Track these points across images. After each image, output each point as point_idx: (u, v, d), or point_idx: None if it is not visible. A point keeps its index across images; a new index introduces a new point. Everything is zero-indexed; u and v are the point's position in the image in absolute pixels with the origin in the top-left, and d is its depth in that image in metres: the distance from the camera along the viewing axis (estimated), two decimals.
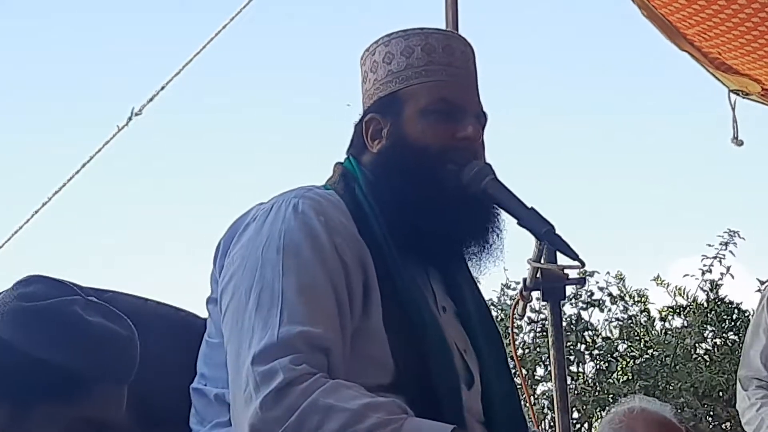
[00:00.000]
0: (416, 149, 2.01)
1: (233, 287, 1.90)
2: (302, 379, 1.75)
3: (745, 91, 4.47)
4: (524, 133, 8.85)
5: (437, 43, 2.06)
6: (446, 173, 2.01)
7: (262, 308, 1.82)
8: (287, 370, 1.75)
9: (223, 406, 1.91)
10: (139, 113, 4.61)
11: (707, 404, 6.63)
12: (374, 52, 2.09)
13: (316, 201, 1.94)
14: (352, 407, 1.72)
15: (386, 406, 1.75)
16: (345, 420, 1.71)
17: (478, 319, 2.09)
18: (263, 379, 1.75)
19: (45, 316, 1.70)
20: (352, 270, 1.89)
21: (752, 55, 4.21)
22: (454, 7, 3.95)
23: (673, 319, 7.36)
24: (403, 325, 1.90)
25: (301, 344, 1.78)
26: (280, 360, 1.76)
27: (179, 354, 2.11)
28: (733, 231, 7.07)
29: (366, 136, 2.07)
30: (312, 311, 1.82)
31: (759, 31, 3.99)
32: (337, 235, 1.90)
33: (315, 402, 1.72)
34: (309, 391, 1.74)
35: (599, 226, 9.45)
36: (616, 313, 7.46)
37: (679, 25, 4.25)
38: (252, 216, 1.97)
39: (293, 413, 1.72)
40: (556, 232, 2.01)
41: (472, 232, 2.05)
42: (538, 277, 2.53)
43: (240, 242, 1.94)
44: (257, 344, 1.79)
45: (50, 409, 1.64)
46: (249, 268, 1.88)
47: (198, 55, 4.61)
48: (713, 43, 4.22)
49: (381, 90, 2.07)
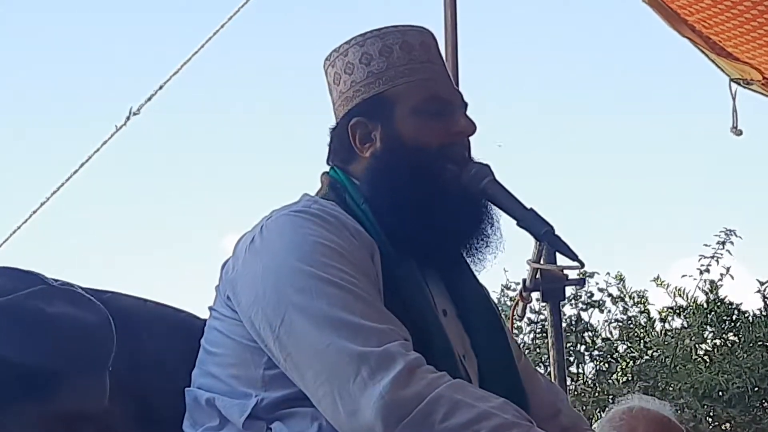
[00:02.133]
0: (414, 149, 2.00)
1: (280, 294, 1.82)
2: (425, 369, 1.73)
3: (746, 79, 4.46)
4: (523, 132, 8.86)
5: (414, 40, 2.05)
6: (447, 173, 2.01)
7: (334, 306, 1.78)
8: (403, 355, 1.73)
9: (213, 410, 1.90)
10: (137, 113, 4.61)
11: (707, 405, 6.62)
12: (346, 53, 2.05)
13: (327, 210, 1.93)
14: (481, 405, 1.72)
15: (514, 410, 1.75)
16: (472, 416, 1.70)
17: (483, 322, 2.08)
18: (381, 362, 1.71)
19: (5, 313, 1.65)
20: (373, 274, 1.89)
21: (754, 44, 4.20)
22: (453, 6, 3.95)
23: (673, 320, 7.35)
24: (408, 329, 1.87)
25: (395, 334, 1.77)
26: (389, 345, 1.74)
27: (179, 354, 2.11)
28: (729, 230, 7.07)
29: (353, 141, 2.04)
30: (378, 308, 1.82)
31: (761, 21, 3.99)
32: (357, 237, 1.90)
33: (443, 394, 1.71)
34: (436, 382, 1.72)
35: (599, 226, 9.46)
36: (616, 314, 7.46)
37: (681, 12, 4.24)
38: (260, 229, 1.93)
39: (422, 401, 1.70)
40: (556, 232, 2.00)
41: (471, 232, 2.04)
42: (537, 278, 2.52)
43: (261, 254, 1.89)
44: (345, 334, 1.74)
45: (21, 408, 1.60)
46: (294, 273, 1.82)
47: (196, 55, 4.62)
48: (715, 30, 4.21)
49: (362, 92, 2.03)
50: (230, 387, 1.90)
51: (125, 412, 2.02)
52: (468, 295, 2.09)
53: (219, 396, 1.90)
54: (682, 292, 7.16)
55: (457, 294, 2.08)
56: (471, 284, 2.11)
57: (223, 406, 1.89)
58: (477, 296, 2.11)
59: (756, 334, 6.75)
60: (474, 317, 2.07)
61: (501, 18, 8.74)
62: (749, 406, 6.63)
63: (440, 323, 1.96)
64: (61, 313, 1.67)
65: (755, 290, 6.91)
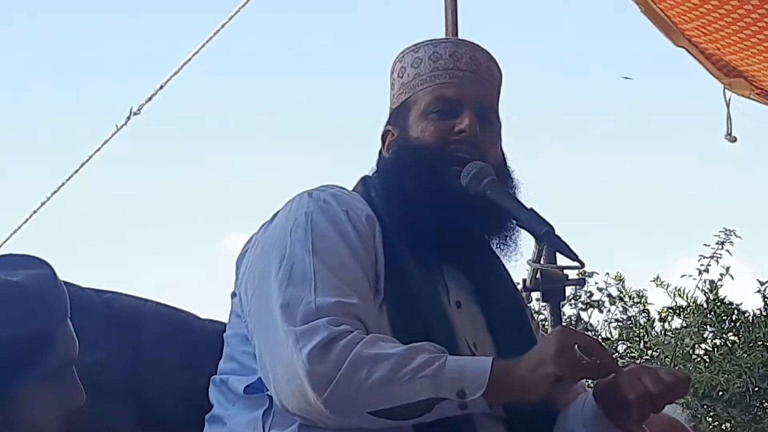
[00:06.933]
0: (416, 147, 2.07)
1: (262, 265, 1.95)
2: (343, 335, 1.80)
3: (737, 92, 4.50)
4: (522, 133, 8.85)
5: (444, 51, 2.13)
6: (448, 171, 2.04)
7: (294, 281, 1.88)
8: (327, 328, 1.80)
9: (227, 390, 1.97)
10: (137, 113, 4.61)
11: (707, 404, 6.62)
12: (393, 69, 2.18)
13: (337, 194, 2.02)
14: (397, 352, 1.79)
15: (427, 347, 1.81)
16: (392, 365, 1.77)
17: (507, 317, 2.10)
18: (303, 335, 1.80)
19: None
20: (371, 256, 1.96)
21: (752, 50, 4.21)
22: (453, 7, 3.96)
23: (673, 320, 7.36)
24: (405, 312, 1.94)
25: (338, 312, 1.84)
26: (319, 320, 1.81)
27: (179, 354, 2.11)
28: (729, 230, 7.07)
29: (383, 148, 2.16)
30: (345, 285, 1.88)
31: (759, 26, 4.00)
32: (359, 222, 1.98)
33: (359, 354, 1.78)
34: (351, 344, 1.79)
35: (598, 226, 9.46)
36: (616, 314, 7.47)
37: (678, 20, 4.25)
38: (276, 212, 2.04)
39: (341, 366, 1.77)
40: (556, 232, 2.01)
41: (470, 229, 2.06)
42: (537, 278, 2.52)
43: (266, 231, 2.01)
44: (293, 311, 1.84)
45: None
46: (278, 247, 1.94)
47: (196, 55, 4.62)
48: (713, 37, 4.23)
49: (394, 103, 2.16)
50: (242, 364, 1.97)
51: (125, 412, 2.03)
52: (493, 289, 2.13)
53: (231, 376, 1.98)
54: (681, 292, 7.16)
55: (482, 288, 2.11)
56: (498, 279, 2.15)
57: (233, 383, 1.97)
58: (503, 290, 2.15)
59: (756, 334, 6.75)
60: (497, 310, 2.10)
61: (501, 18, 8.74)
62: (749, 406, 6.63)
63: (445, 312, 1.99)
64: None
65: (755, 290, 6.90)
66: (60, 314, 1.60)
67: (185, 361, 2.07)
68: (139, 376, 2.07)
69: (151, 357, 2.10)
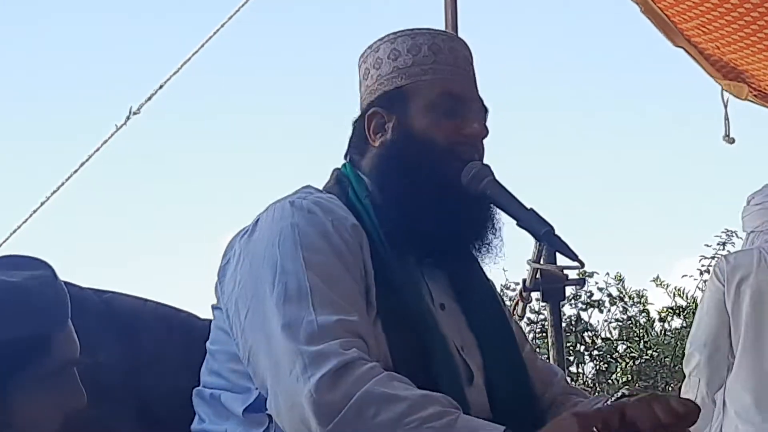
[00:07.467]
0: (422, 142, 2.03)
1: (254, 282, 1.88)
2: (356, 364, 1.74)
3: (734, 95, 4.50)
4: (522, 133, 8.86)
5: (443, 44, 2.10)
6: (451, 170, 2.02)
7: (290, 298, 1.81)
8: (339, 354, 1.74)
9: (218, 405, 1.93)
10: (137, 112, 4.61)
11: None
12: (378, 49, 2.11)
13: (319, 201, 1.96)
14: (409, 397, 1.73)
15: (441, 399, 1.76)
16: (402, 409, 1.71)
17: (487, 314, 2.09)
18: (314, 360, 1.73)
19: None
20: (359, 267, 1.91)
21: (751, 49, 4.21)
22: (453, 7, 3.96)
23: (673, 320, 7.37)
24: (400, 322, 1.90)
25: (342, 332, 1.78)
26: (329, 343, 1.75)
27: (179, 355, 2.11)
28: (730, 231, 7.09)
29: (368, 130, 2.08)
30: (343, 300, 1.83)
31: (758, 25, 4.00)
32: (345, 231, 1.92)
33: (371, 390, 1.72)
34: (365, 378, 1.73)
35: (599, 227, 9.46)
36: (616, 314, 7.47)
37: (677, 20, 4.25)
38: (255, 220, 1.97)
39: (350, 400, 1.71)
40: (556, 232, 2.00)
41: (468, 231, 2.05)
42: (537, 278, 2.53)
43: (249, 244, 1.94)
44: (296, 332, 1.77)
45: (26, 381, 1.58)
46: (267, 263, 1.87)
47: (196, 55, 4.61)
48: (712, 36, 4.22)
49: (385, 85, 2.08)
50: (231, 382, 1.92)
51: (125, 412, 2.03)
52: (473, 288, 2.11)
53: (223, 392, 1.93)
54: (681, 292, 7.17)
55: (462, 288, 2.09)
56: (476, 278, 2.12)
57: (227, 401, 1.92)
58: (482, 289, 2.13)
59: None
60: (478, 309, 2.08)
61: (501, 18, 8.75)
62: None
63: (434, 315, 1.97)
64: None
65: None
66: (60, 316, 1.60)
67: (185, 362, 2.07)
68: (139, 376, 2.06)
69: (151, 357, 2.10)
